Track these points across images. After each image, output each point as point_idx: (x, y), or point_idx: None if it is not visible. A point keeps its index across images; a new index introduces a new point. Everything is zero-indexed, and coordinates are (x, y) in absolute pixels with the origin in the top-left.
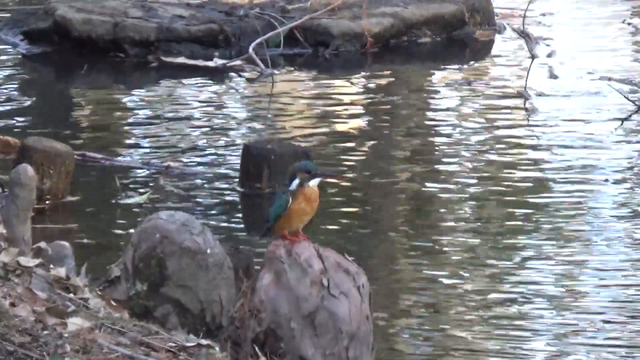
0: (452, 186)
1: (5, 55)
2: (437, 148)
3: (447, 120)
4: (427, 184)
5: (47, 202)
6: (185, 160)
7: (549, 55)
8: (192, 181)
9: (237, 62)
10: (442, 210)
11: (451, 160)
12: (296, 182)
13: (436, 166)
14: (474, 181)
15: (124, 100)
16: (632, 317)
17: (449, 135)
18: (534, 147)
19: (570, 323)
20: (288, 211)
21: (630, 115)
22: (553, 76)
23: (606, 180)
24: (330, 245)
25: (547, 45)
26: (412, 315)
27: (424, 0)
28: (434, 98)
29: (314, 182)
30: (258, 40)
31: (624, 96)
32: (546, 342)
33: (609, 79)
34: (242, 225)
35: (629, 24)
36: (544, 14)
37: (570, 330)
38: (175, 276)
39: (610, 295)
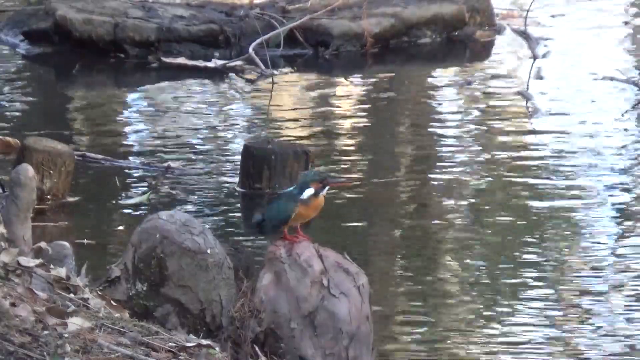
0: (452, 186)
1: (5, 56)
2: (437, 148)
3: (447, 121)
4: (428, 184)
5: (47, 202)
6: (185, 160)
7: (544, 56)
8: (192, 181)
9: (237, 63)
10: (443, 210)
11: (452, 160)
12: (310, 192)
13: (437, 166)
14: (474, 181)
15: (124, 100)
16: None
17: (449, 136)
18: (535, 148)
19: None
20: (296, 216)
21: (632, 108)
22: (539, 77)
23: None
24: (330, 245)
25: (545, 45)
26: (412, 316)
27: (424, 0)
28: (434, 98)
29: (325, 192)
30: (258, 41)
31: (635, 84)
32: (547, 346)
33: (612, 79)
34: (242, 226)
35: (626, 23)
36: (553, 16)
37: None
38: (175, 276)
39: (619, 304)
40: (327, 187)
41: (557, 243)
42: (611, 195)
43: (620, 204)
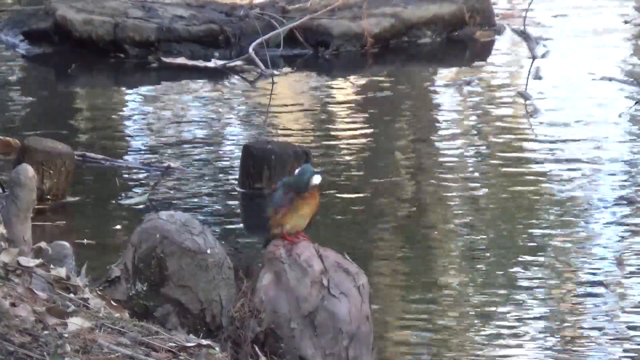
0: (452, 187)
1: (5, 56)
2: (436, 148)
3: (447, 121)
4: (427, 184)
5: (47, 202)
6: (185, 160)
7: (543, 56)
8: (192, 181)
9: (237, 63)
10: (442, 210)
11: (451, 160)
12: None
13: (436, 166)
14: (474, 182)
15: (124, 100)
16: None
17: (449, 136)
18: (535, 148)
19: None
20: (294, 209)
21: (630, 107)
22: (537, 77)
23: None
24: (330, 245)
25: (544, 45)
26: (412, 316)
27: (424, 0)
28: (434, 99)
29: (315, 182)
30: (258, 41)
31: (635, 83)
32: (545, 346)
33: (610, 79)
34: (242, 225)
35: (626, 22)
36: (555, 16)
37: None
38: (175, 276)
39: (614, 301)
40: (309, 189)
41: (558, 243)
42: (610, 194)
43: (620, 203)
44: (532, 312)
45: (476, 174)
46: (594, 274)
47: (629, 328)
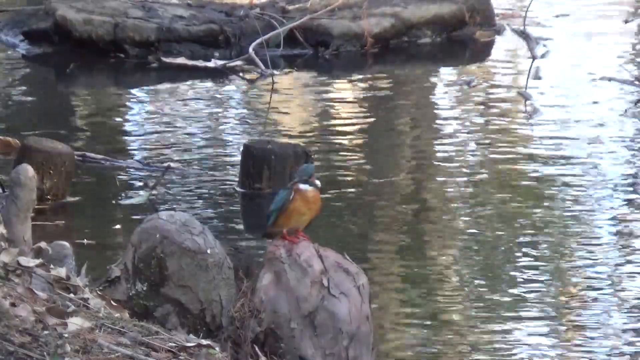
0: (452, 186)
1: (5, 56)
2: (437, 148)
3: (447, 121)
4: (427, 184)
5: (47, 202)
6: (185, 160)
7: (543, 56)
8: (192, 181)
9: (237, 63)
10: (442, 210)
11: (451, 160)
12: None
13: (436, 166)
14: (474, 181)
15: (124, 100)
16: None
17: (449, 136)
18: (535, 148)
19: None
20: (288, 208)
21: (630, 108)
22: (537, 77)
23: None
24: (330, 245)
25: (544, 45)
26: (412, 316)
27: (424, 0)
28: (434, 99)
29: (304, 186)
30: (258, 41)
31: (634, 83)
32: (546, 344)
33: (610, 79)
34: (242, 226)
35: (626, 22)
36: (557, 15)
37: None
38: (175, 276)
39: (615, 300)
40: (307, 185)
41: (557, 245)
42: (610, 193)
43: (619, 203)
44: (534, 312)
45: (476, 174)
46: (594, 272)
47: (630, 325)
